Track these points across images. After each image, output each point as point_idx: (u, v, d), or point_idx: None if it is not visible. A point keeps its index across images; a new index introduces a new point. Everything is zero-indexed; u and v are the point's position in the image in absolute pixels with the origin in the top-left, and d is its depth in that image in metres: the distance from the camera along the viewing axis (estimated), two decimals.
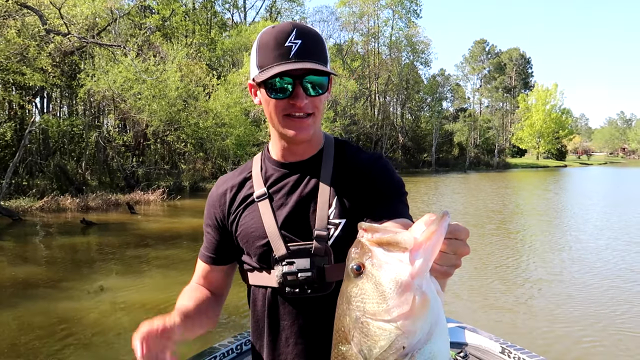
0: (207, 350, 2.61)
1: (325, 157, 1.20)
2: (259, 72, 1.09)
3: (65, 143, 20.92)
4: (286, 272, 1.11)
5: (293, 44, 1.05)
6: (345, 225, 1.12)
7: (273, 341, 1.19)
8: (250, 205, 1.20)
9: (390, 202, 1.13)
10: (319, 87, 1.09)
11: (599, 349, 4.83)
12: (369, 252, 0.68)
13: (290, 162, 1.20)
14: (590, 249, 9.49)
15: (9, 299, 6.18)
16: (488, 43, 75.45)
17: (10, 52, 13.76)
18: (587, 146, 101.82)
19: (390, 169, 1.21)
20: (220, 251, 1.27)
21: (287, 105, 1.09)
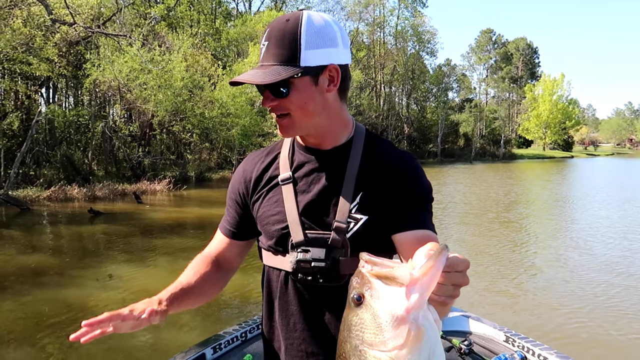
0: (213, 337, 2.64)
1: (353, 148, 1.17)
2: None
3: (71, 133, 21.00)
4: (300, 259, 1.12)
5: (263, 46, 1.08)
6: (367, 222, 1.11)
7: (282, 324, 1.20)
8: (274, 188, 1.20)
9: (416, 211, 1.11)
10: (279, 91, 1.07)
11: (605, 334, 4.86)
12: (368, 284, 0.72)
13: (318, 149, 1.18)
14: (594, 238, 9.49)
15: (18, 287, 6.25)
16: (495, 33, 74.83)
17: (16, 42, 13.80)
18: (594, 137, 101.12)
19: (420, 173, 1.17)
20: (241, 227, 1.28)
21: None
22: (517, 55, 72.86)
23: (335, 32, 1.09)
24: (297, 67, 1.04)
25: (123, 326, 1.08)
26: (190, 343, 2.64)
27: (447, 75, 58.57)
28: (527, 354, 2.53)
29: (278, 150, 1.25)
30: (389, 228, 1.12)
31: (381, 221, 1.11)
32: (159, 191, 17.33)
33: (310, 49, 1.05)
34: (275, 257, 1.19)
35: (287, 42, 1.05)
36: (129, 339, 4.59)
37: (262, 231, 1.21)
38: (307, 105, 1.09)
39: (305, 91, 1.08)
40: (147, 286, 6.28)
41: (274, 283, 1.21)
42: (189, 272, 1.26)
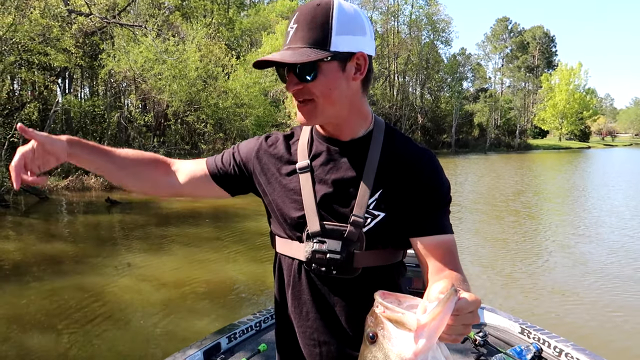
0: (228, 326, 2.70)
1: (373, 141, 1.16)
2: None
3: (87, 123, 21.22)
4: (316, 249, 1.11)
5: (291, 29, 1.04)
6: (384, 219, 1.11)
7: (294, 312, 1.20)
8: (291, 175, 1.18)
9: (436, 214, 1.11)
10: (308, 74, 1.04)
11: (622, 327, 4.83)
12: (381, 324, 0.76)
13: (338, 140, 1.16)
14: (611, 229, 9.40)
15: (38, 275, 6.39)
16: (511, 21, 73.56)
17: (34, 33, 13.94)
18: (611, 127, 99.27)
19: (442, 173, 1.16)
20: (225, 177, 1.26)
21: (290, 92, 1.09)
22: (533, 44, 71.60)
23: (364, 21, 1.08)
24: (326, 51, 1.02)
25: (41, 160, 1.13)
26: (205, 333, 2.69)
27: (461, 65, 57.79)
28: (542, 346, 2.53)
29: (297, 136, 1.23)
30: (408, 230, 1.12)
31: (398, 220, 1.11)
32: None
33: (341, 35, 1.04)
34: (289, 245, 1.19)
35: (318, 25, 1.03)
36: (148, 327, 4.69)
37: (277, 217, 1.20)
38: (332, 92, 1.07)
39: (332, 77, 1.06)
40: (164, 274, 6.38)
41: (286, 271, 1.21)
42: (130, 150, 1.27)
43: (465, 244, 8.10)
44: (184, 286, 5.85)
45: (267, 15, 30.51)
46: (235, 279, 6.28)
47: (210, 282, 6.08)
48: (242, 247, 7.74)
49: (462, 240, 8.29)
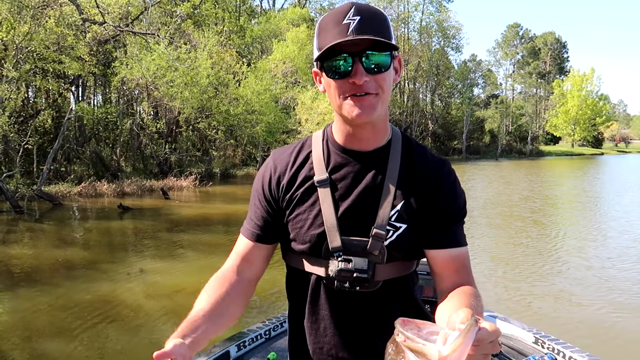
0: (237, 334, 2.68)
1: (392, 152, 1.13)
2: (318, 54, 1.03)
3: (100, 130, 21.48)
4: (342, 268, 1.08)
5: (351, 20, 0.98)
6: (405, 231, 1.09)
7: (311, 328, 1.18)
8: (309, 189, 1.13)
9: (452, 227, 1.12)
10: (382, 64, 1.01)
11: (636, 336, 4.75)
12: (402, 353, 0.76)
13: (356, 150, 1.13)
14: (624, 238, 9.26)
15: (51, 280, 6.44)
16: (522, 27, 73.18)
17: (49, 42, 14.17)
18: (625, 133, 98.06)
19: (459, 186, 1.16)
20: (268, 228, 1.18)
21: (348, 86, 1.02)
22: (545, 50, 71.17)
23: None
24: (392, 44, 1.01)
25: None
26: (214, 341, 2.68)
27: (472, 71, 57.58)
28: (557, 356, 2.49)
29: (308, 148, 1.18)
30: (424, 241, 1.11)
31: (418, 231, 1.11)
32: (185, 187, 17.59)
33: (393, 34, 1.04)
34: (307, 261, 1.15)
35: (381, 20, 1.02)
36: (159, 333, 4.70)
37: (295, 234, 1.14)
38: (390, 88, 1.06)
39: (392, 72, 1.05)
40: (176, 281, 6.41)
41: (302, 286, 1.18)
42: (205, 300, 1.14)
43: (478, 251, 8.03)
44: (196, 293, 5.82)
45: (278, 22, 30.70)
46: None
47: None
48: None
49: (474, 247, 8.23)
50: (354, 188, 1.11)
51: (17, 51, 13.66)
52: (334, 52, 1.00)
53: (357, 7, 1.00)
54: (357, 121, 1.05)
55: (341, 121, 1.12)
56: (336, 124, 1.15)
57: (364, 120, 1.04)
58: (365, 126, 1.09)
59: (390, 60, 1.03)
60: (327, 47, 0.99)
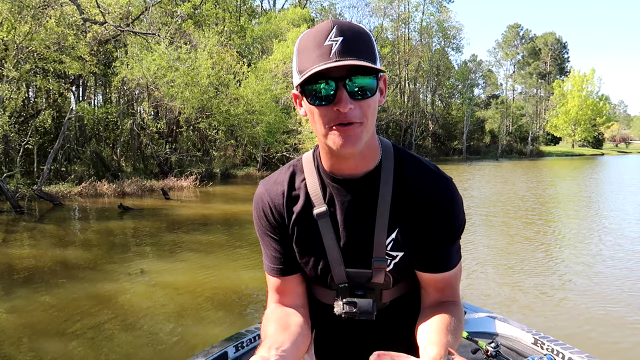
0: (235, 335, 2.65)
1: (384, 174, 1.07)
2: (299, 78, 0.95)
3: (100, 130, 21.49)
4: (347, 311, 1.09)
5: (333, 42, 0.91)
6: (402, 258, 1.09)
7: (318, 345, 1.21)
8: (309, 222, 1.09)
9: (447, 251, 1.09)
10: (367, 89, 0.94)
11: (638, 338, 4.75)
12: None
13: (346, 178, 1.07)
14: (624, 238, 9.26)
15: (52, 280, 6.44)
16: (522, 27, 73.15)
17: (49, 42, 14.18)
18: (625, 134, 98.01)
19: (457, 204, 1.09)
20: (288, 259, 1.13)
21: (332, 114, 0.94)
22: (545, 51, 71.13)
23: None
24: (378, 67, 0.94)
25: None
26: (214, 341, 2.68)
27: (472, 72, 57.56)
28: (556, 357, 2.49)
29: (301, 175, 1.12)
30: (417, 264, 1.11)
31: (414, 255, 1.10)
32: (186, 187, 17.60)
33: (377, 54, 0.98)
34: (315, 288, 1.18)
35: (365, 41, 0.94)
36: (160, 334, 4.70)
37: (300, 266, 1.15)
38: (375, 113, 0.99)
39: (377, 96, 0.98)
40: (176, 281, 6.41)
41: (310, 308, 1.20)
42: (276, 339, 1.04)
43: (477, 253, 8.03)
44: (196, 293, 5.87)
45: (279, 23, 30.71)
46: (247, 286, 6.29)
47: (222, 288, 6.09)
48: (254, 253, 7.75)
49: (473, 247, 8.23)
50: (351, 218, 1.08)
51: (17, 51, 13.67)
52: (316, 76, 0.92)
53: (340, 27, 0.92)
54: (343, 152, 0.98)
55: (326, 149, 1.05)
56: (322, 150, 1.08)
57: (350, 151, 0.97)
58: (350, 156, 1.02)
59: (377, 84, 0.96)
60: (308, 72, 0.91)
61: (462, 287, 5.80)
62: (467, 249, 8.03)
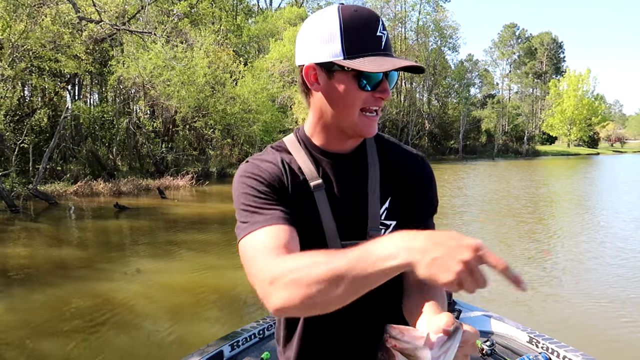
0: (231, 334, 2.66)
1: (369, 150, 1.14)
2: (345, 57, 0.97)
3: (96, 129, 21.43)
4: None
5: (382, 34, 0.98)
6: (395, 227, 1.10)
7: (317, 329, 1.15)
8: (306, 195, 1.08)
9: (428, 219, 1.15)
10: (393, 83, 1.04)
11: (635, 339, 4.77)
12: (393, 357, 0.80)
13: (338, 153, 1.11)
14: (614, 236, 9.31)
15: (47, 279, 6.42)
16: (518, 27, 73.40)
17: (45, 40, 14.13)
18: (620, 133, 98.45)
19: (433, 176, 1.18)
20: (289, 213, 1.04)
21: (372, 99, 1.01)
22: (541, 50, 71.40)
23: None
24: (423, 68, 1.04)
25: None
26: (209, 339, 2.68)
27: (469, 71, 57.71)
28: (551, 356, 2.50)
29: (289, 154, 1.12)
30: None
31: (405, 224, 1.10)
32: (182, 186, 17.57)
33: None
34: None
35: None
36: (156, 333, 4.70)
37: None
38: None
39: None
40: (172, 280, 6.40)
41: None
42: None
43: None
44: (193, 292, 5.87)
45: (275, 22, 30.69)
46: (243, 285, 6.28)
47: (218, 287, 6.09)
48: None
49: None
50: (345, 191, 1.10)
51: (13, 49, 13.61)
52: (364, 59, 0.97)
53: (382, 21, 1.00)
54: (366, 136, 1.07)
55: (327, 126, 1.08)
56: (316, 127, 1.10)
57: (371, 135, 1.06)
58: (332, 136, 1.09)
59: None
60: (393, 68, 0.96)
61: None
62: None
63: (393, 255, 0.77)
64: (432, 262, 0.75)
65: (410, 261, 0.76)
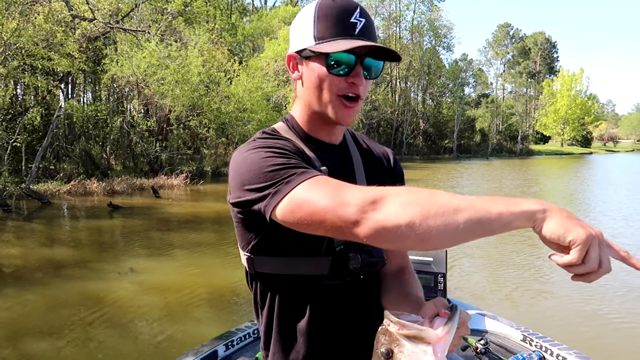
0: (225, 333, 2.63)
1: (349, 143, 1.18)
2: (316, 43, 1.00)
3: (89, 128, 21.32)
4: (367, 260, 1.05)
5: (358, 21, 0.99)
6: None
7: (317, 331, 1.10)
8: None
9: None
10: (374, 71, 1.04)
11: (627, 336, 4.80)
12: (397, 341, 0.81)
13: (330, 143, 1.13)
14: (609, 235, 9.36)
15: (40, 279, 6.38)
16: (512, 27, 73.75)
17: (37, 38, 14.03)
18: (613, 133, 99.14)
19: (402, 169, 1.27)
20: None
21: (345, 85, 1.01)
22: (535, 50, 71.78)
23: None
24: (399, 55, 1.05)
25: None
26: (203, 339, 2.67)
27: (463, 70, 57.93)
28: (545, 354, 2.52)
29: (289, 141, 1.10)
30: None
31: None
32: (176, 186, 17.51)
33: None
34: (302, 263, 1.06)
35: (375, 30, 1.05)
36: (149, 333, 4.68)
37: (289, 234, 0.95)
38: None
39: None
40: (166, 280, 6.38)
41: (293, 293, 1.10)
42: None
43: (467, 246, 8.08)
44: (186, 291, 5.85)
45: (270, 21, 30.64)
46: (237, 285, 6.27)
47: (212, 287, 6.08)
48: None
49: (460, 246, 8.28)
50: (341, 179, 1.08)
51: (5, 47, 13.50)
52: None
53: (362, 9, 1.00)
54: (343, 124, 1.06)
55: (311, 114, 1.09)
56: (304, 116, 1.11)
57: (349, 123, 1.06)
58: (342, 126, 1.13)
59: (381, 70, 1.06)
60: (350, 47, 0.95)
61: (451, 284, 5.84)
62: (454, 247, 8.07)
63: (529, 202, 0.77)
64: (566, 220, 0.74)
65: (545, 209, 0.76)
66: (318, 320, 1.10)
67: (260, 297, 1.15)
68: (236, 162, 1.01)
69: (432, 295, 2.87)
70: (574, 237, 0.74)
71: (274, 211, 0.91)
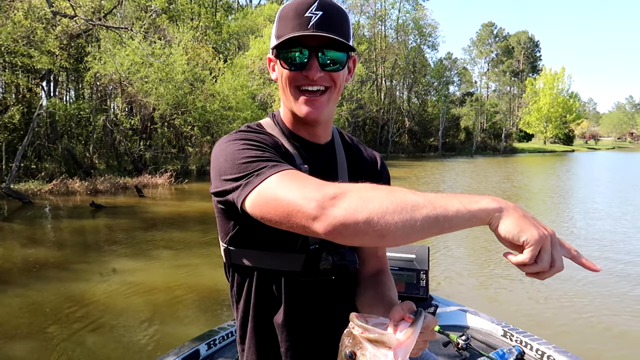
0: (207, 333, 2.64)
1: (337, 146, 1.18)
2: (276, 42, 1.03)
3: (72, 127, 21.01)
4: (338, 262, 1.06)
5: (313, 14, 0.99)
6: None
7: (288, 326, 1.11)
8: None
9: None
10: (337, 62, 1.03)
11: (601, 330, 4.89)
12: (360, 344, 0.82)
13: (317, 143, 1.14)
14: (594, 232, 9.52)
15: (21, 281, 6.28)
16: (496, 26, 74.53)
17: (17, 35, 13.78)
18: (594, 131, 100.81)
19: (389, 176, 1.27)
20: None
21: (300, 77, 1.02)
22: (518, 49, 72.58)
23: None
24: (350, 45, 1.03)
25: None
26: (186, 338, 2.66)
27: (448, 69, 58.35)
28: (525, 349, 2.56)
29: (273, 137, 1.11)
30: None
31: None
32: (161, 185, 17.35)
33: (352, 34, 1.07)
34: (275, 257, 1.07)
35: (342, 20, 1.03)
36: (133, 334, 4.64)
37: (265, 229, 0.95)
38: (341, 86, 1.07)
39: (345, 71, 1.07)
40: (150, 280, 6.32)
41: (267, 287, 1.10)
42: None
43: (449, 244, 8.15)
44: (170, 291, 5.81)
45: (255, 19, 30.48)
46: (221, 284, 6.24)
47: (195, 287, 6.04)
48: None
49: (446, 240, 8.35)
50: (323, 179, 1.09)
51: None
52: (292, 43, 1.00)
53: (321, 2, 1.00)
54: (307, 119, 1.06)
55: (290, 112, 1.11)
56: (286, 114, 1.14)
57: (313, 118, 1.06)
58: (315, 123, 1.10)
59: (346, 60, 1.05)
60: (285, 38, 0.99)
61: (434, 281, 5.89)
62: (436, 243, 8.14)
63: (486, 201, 0.78)
64: (520, 219, 0.76)
65: (502, 207, 0.77)
66: (292, 315, 1.11)
67: (237, 290, 1.16)
68: (216, 152, 1.05)
69: (414, 293, 2.90)
70: (527, 237, 0.76)
71: (244, 202, 0.92)
